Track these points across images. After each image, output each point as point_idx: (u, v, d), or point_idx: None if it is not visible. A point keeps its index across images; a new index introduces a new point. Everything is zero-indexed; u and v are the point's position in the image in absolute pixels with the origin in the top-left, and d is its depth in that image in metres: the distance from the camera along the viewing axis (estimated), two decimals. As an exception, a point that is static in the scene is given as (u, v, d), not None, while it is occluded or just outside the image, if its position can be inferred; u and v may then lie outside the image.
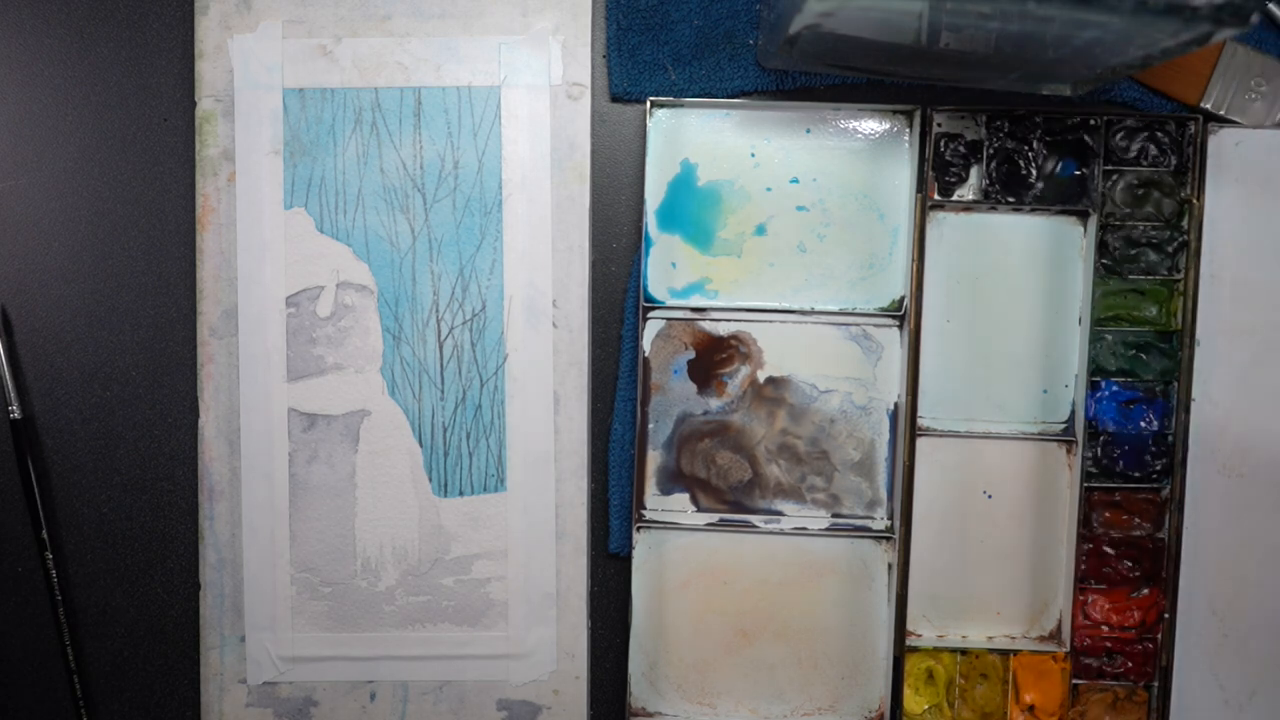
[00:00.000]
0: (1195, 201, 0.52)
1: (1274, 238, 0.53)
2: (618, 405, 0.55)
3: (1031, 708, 0.54)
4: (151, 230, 0.54)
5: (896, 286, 0.54)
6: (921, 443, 0.54)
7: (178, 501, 0.55)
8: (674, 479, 0.55)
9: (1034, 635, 0.55)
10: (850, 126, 0.54)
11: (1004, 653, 0.54)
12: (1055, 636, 0.55)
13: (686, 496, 0.55)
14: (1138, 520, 0.53)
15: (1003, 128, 0.53)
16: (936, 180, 0.53)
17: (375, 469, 0.54)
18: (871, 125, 0.54)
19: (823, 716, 0.55)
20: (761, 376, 0.55)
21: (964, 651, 0.54)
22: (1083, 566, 0.53)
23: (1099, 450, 0.53)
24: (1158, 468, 0.53)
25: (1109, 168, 0.53)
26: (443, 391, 0.53)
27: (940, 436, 0.54)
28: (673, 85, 0.53)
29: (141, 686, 0.56)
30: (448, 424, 0.54)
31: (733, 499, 0.55)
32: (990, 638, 0.55)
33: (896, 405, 0.54)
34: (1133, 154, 0.53)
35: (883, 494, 0.55)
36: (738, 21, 0.53)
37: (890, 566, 0.54)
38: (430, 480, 0.54)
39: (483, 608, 0.54)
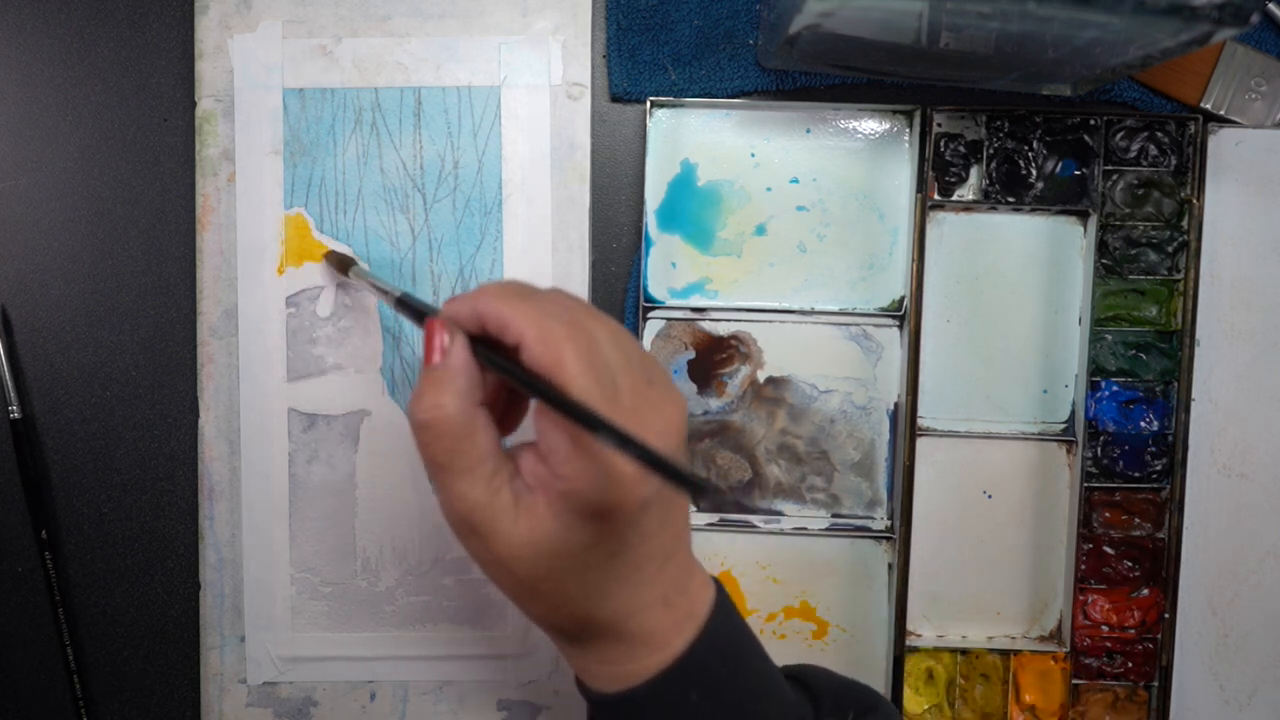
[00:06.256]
0: (1195, 201, 0.52)
1: (1274, 238, 0.53)
2: (618, 405, 0.55)
3: (1032, 708, 0.54)
4: (151, 230, 0.54)
5: (896, 286, 0.54)
6: (921, 443, 0.54)
7: (178, 501, 0.55)
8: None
9: (1034, 635, 0.55)
10: (850, 126, 0.54)
11: (1004, 653, 0.54)
12: (1055, 636, 0.55)
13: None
14: (1138, 520, 0.53)
15: (1003, 128, 0.53)
16: (936, 180, 0.53)
17: (375, 469, 0.54)
18: (871, 125, 0.54)
19: (823, 716, 0.55)
20: (761, 376, 0.55)
21: (964, 651, 0.54)
22: (1083, 566, 0.53)
23: (1099, 450, 0.53)
24: (1158, 468, 0.53)
25: (1109, 168, 0.53)
26: (443, 391, 0.53)
27: (940, 436, 0.54)
28: (673, 85, 0.53)
29: (141, 686, 0.56)
30: (448, 424, 0.53)
31: (733, 499, 0.55)
32: (990, 638, 0.55)
33: (896, 405, 0.54)
34: (1133, 154, 0.52)
35: (883, 494, 0.55)
36: (738, 21, 0.53)
37: (890, 566, 0.54)
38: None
39: (483, 608, 0.54)
